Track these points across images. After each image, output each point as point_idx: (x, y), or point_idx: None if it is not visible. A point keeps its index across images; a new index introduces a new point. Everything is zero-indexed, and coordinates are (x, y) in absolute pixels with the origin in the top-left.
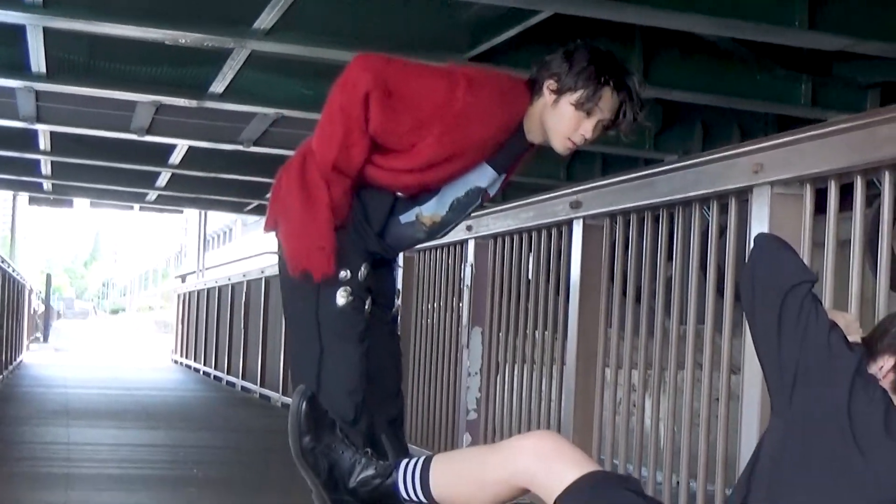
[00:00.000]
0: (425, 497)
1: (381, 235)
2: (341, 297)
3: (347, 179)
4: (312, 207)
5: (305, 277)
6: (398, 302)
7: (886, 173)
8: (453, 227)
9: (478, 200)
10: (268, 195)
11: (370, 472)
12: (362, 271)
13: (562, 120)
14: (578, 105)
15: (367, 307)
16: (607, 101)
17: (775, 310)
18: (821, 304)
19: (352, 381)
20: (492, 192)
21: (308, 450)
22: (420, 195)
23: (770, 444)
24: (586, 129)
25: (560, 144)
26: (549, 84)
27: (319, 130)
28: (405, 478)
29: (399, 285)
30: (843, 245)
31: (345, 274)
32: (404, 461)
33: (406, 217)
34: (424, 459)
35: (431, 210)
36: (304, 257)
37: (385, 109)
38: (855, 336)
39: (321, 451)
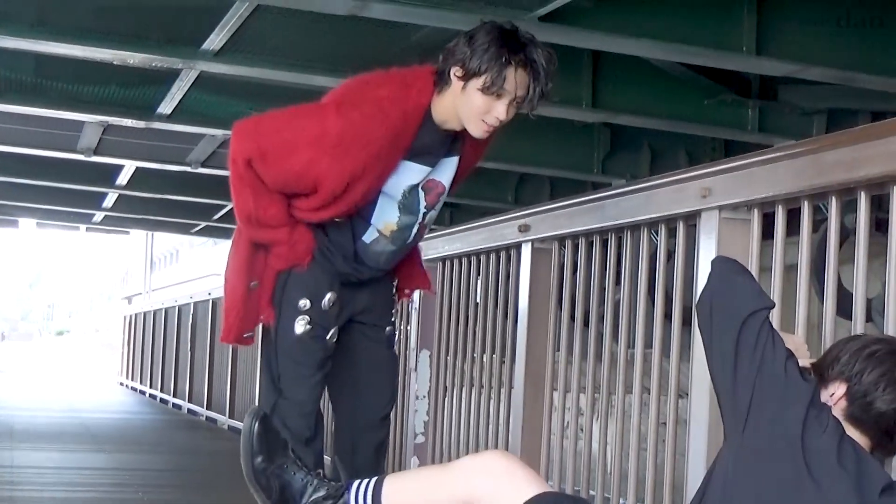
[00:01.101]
0: None
1: (357, 259)
2: (299, 326)
3: (283, 228)
4: (231, 277)
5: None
6: (394, 321)
7: (833, 198)
8: (423, 228)
9: (420, 197)
10: (215, 216)
11: (321, 493)
12: (326, 300)
13: (472, 106)
14: (486, 89)
15: (329, 336)
16: (512, 80)
17: (732, 337)
18: (777, 332)
19: (307, 404)
20: (446, 182)
21: (260, 470)
22: (363, 213)
23: (721, 470)
24: (499, 111)
25: (476, 129)
26: (455, 71)
27: (235, 206)
28: (357, 499)
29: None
30: (790, 270)
31: (304, 303)
32: (356, 482)
33: (369, 236)
34: (376, 480)
35: (382, 221)
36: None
37: (267, 168)
38: (804, 360)
39: (273, 472)
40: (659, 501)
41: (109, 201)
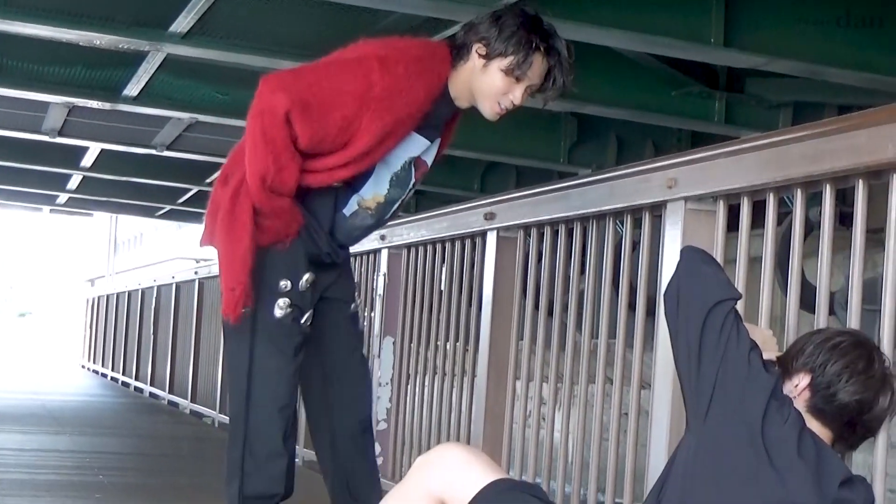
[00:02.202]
0: None
1: (332, 234)
2: (279, 309)
3: (288, 199)
4: (234, 247)
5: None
6: (358, 299)
7: (798, 191)
8: (401, 206)
9: (412, 173)
10: (180, 200)
11: None
12: (303, 281)
13: (491, 85)
14: (509, 71)
15: (305, 319)
16: (537, 66)
17: (698, 326)
18: (743, 322)
19: (282, 396)
20: (429, 161)
21: None
22: (355, 182)
23: (683, 459)
24: (516, 95)
25: (489, 110)
26: (478, 48)
27: (248, 162)
28: None
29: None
30: (755, 262)
31: (285, 284)
32: None
33: (349, 208)
34: None
35: (371, 192)
36: (223, 294)
37: (309, 122)
38: (771, 353)
39: None
40: (620, 491)
41: (74, 183)
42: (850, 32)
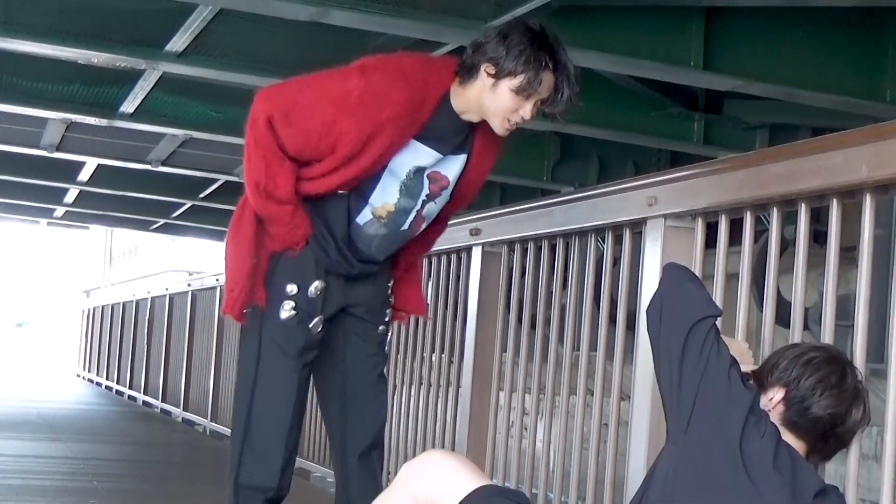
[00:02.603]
0: None
1: (349, 245)
2: (284, 311)
3: (287, 206)
4: (235, 250)
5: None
6: (388, 321)
7: (774, 209)
8: (419, 220)
9: (424, 183)
10: (174, 214)
11: None
12: (313, 287)
13: (501, 103)
14: (519, 90)
15: (314, 324)
16: (546, 82)
17: (679, 341)
18: (722, 339)
19: (284, 394)
20: (450, 176)
21: None
22: (364, 189)
23: (664, 468)
24: (525, 110)
25: (500, 127)
26: (487, 68)
27: (244, 169)
28: None
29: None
30: (731, 278)
31: (292, 288)
32: None
33: (363, 217)
34: None
35: (380, 200)
36: (224, 293)
37: (289, 127)
38: (747, 366)
39: None
40: (600, 500)
41: (71, 197)
42: (825, 57)
